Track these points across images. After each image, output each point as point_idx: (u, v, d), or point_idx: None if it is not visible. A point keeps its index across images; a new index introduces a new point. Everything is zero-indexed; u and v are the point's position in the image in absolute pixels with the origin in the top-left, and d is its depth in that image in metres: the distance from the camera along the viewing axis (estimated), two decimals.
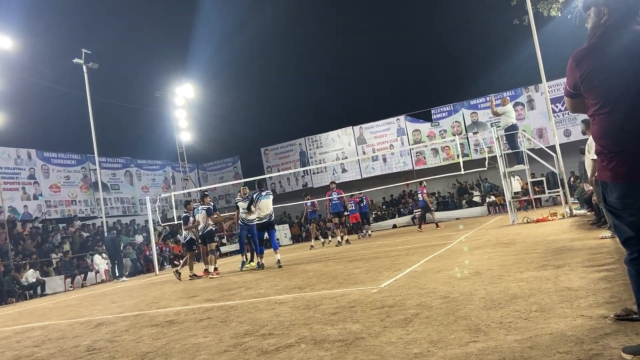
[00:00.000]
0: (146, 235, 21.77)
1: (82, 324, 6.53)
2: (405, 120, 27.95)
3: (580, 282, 4.23)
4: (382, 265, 7.88)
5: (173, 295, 8.62)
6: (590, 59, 2.45)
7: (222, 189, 31.35)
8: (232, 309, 5.78)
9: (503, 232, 11.42)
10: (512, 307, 3.71)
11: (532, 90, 25.20)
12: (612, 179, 2.38)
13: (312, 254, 14.09)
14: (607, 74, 2.39)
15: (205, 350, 3.84)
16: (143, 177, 27.82)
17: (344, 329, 3.83)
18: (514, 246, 7.89)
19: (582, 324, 3.01)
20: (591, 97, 2.47)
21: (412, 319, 3.81)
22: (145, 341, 4.61)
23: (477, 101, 26.61)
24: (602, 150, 2.43)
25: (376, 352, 3.08)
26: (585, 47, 2.49)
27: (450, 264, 6.81)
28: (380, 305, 4.51)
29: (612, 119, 2.37)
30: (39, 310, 10.04)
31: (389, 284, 5.73)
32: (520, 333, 3.02)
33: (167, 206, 24.97)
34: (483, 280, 5.02)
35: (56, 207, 22.45)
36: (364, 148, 28.69)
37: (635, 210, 2.32)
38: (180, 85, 28.88)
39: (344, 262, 9.51)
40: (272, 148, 31.41)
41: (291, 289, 6.75)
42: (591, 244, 6.76)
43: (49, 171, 22.41)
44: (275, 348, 3.57)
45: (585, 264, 5.12)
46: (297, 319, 4.52)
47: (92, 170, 23.70)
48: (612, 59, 2.38)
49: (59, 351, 4.78)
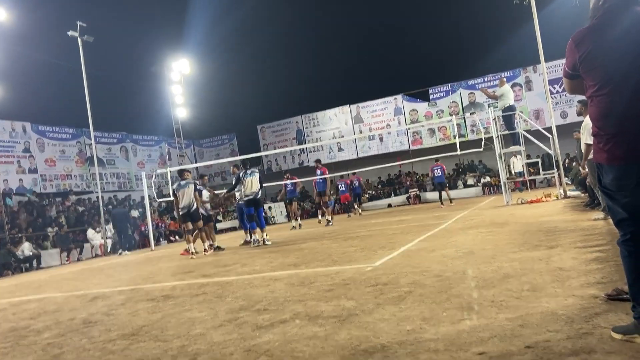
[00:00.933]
0: (142, 211, 21.80)
1: (78, 297, 6.57)
2: (402, 99, 27.84)
3: (572, 263, 4.28)
4: (377, 244, 7.93)
5: (169, 270, 8.68)
6: (590, 40, 2.44)
7: (218, 166, 31.30)
8: (228, 284, 5.83)
9: (497, 212, 11.49)
10: (504, 286, 3.76)
11: (530, 71, 25.12)
12: (607, 160, 2.39)
13: (307, 232, 14.15)
14: (607, 55, 2.38)
15: (200, 325, 3.88)
16: (139, 152, 27.73)
17: (338, 305, 3.88)
18: (507, 226, 7.95)
19: (573, 304, 3.05)
20: (590, 78, 2.46)
21: (406, 296, 3.86)
22: (141, 315, 4.65)
23: (475, 81, 26.50)
24: (599, 132, 2.44)
25: (369, 328, 3.13)
26: (586, 27, 2.48)
27: (444, 243, 6.86)
28: (374, 283, 4.55)
29: (610, 101, 2.37)
30: (34, 283, 10.09)
31: (383, 263, 5.78)
32: (512, 311, 3.06)
33: (163, 182, 24.94)
34: (476, 260, 5.07)
35: (51, 181, 22.41)
36: (361, 127, 28.62)
37: (630, 192, 2.35)
38: (176, 60, 28.59)
39: (339, 241, 9.57)
40: (269, 126, 31.30)
41: (286, 266, 6.80)
42: (584, 225, 6.82)
43: (44, 145, 22.30)
44: (270, 323, 3.61)
45: (578, 245, 5.17)
46: (291, 295, 4.57)
47: (87, 144, 23.59)
48: (612, 40, 2.37)
49: (55, 323, 4.83)
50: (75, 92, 21.00)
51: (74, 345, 3.81)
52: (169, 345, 3.41)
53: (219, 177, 31.96)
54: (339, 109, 29.33)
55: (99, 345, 3.67)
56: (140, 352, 3.33)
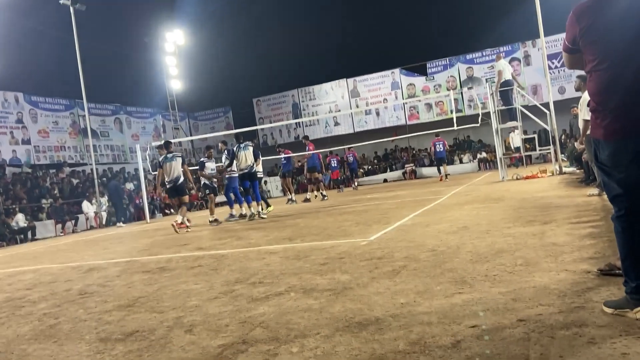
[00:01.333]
0: (137, 183, 21.76)
1: (74, 269, 6.60)
2: (400, 73, 27.64)
3: (566, 238, 4.31)
4: (372, 219, 7.97)
5: (164, 243, 8.71)
6: (591, 14, 2.41)
7: (213, 139, 31.09)
8: (223, 257, 5.85)
9: (493, 188, 11.53)
10: (497, 260, 3.79)
11: (529, 46, 24.93)
12: (604, 136, 2.39)
13: (303, 207, 14.18)
14: (607, 29, 2.35)
15: (196, 297, 3.91)
16: (133, 124, 27.54)
17: (332, 279, 3.91)
18: (502, 202, 7.99)
19: (566, 278, 3.08)
20: (589, 52, 2.44)
21: (400, 270, 3.88)
22: (137, 286, 4.68)
23: (473, 55, 26.30)
24: (596, 107, 2.43)
25: (364, 301, 3.15)
26: (587, 0, 2.45)
27: (439, 218, 6.89)
28: (369, 257, 4.58)
29: (609, 75, 2.35)
30: (30, 254, 10.12)
31: (378, 237, 5.81)
32: (505, 286, 3.09)
33: (158, 155, 24.83)
34: (471, 235, 5.10)
35: (45, 152, 22.28)
36: (357, 101, 28.46)
37: (625, 168, 2.35)
38: (171, 30, 28.17)
39: (335, 215, 9.60)
40: (265, 99, 31.08)
41: (282, 239, 6.83)
42: (578, 201, 6.86)
43: (37, 116, 22.10)
44: (265, 296, 3.64)
45: (572, 221, 5.20)
46: (287, 268, 4.59)
47: (81, 116, 23.39)
48: (613, 14, 2.34)
49: (50, 294, 4.85)
50: (68, 63, 20.68)
51: (70, 315, 3.83)
52: (164, 316, 3.44)
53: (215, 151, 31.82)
54: (336, 82, 29.11)
55: (95, 316, 3.70)
56: (136, 323, 3.35)
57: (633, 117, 2.29)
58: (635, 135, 2.29)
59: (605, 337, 2.14)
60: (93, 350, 2.89)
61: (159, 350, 2.75)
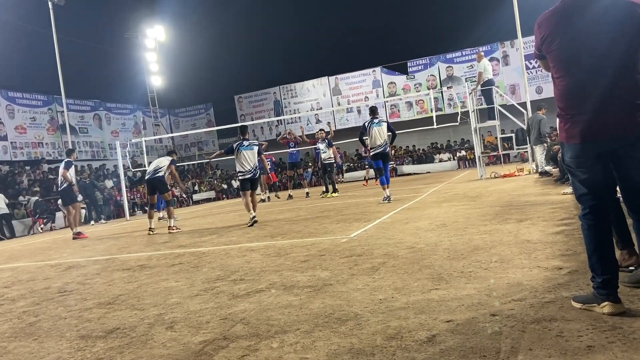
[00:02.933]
0: (116, 181, 21.53)
1: (53, 267, 6.55)
2: (381, 72, 27.79)
3: (540, 235, 4.43)
4: (353, 216, 8.04)
5: (144, 240, 8.67)
6: (549, 24, 2.55)
7: (194, 136, 30.98)
8: (204, 255, 5.87)
9: (471, 186, 11.71)
10: (473, 257, 3.89)
11: (508, 46, 25.26)
12: (567, 139, 2.52)
13: (283, 204, 14.20)
14: (565, 39, 2.48)
15: (177, 294, 3.93)
16: (112, 121, 27.21)
17: (313, 275, 3.96)
18: (480, 200, 8.13)
19: (538, 275, 3.19)
20: (551, 60, 2.59)
21: (379, 267, 3.96)
22: (117, 284, 4.68)
23: (453, 55, 26.55)
24: (560, 112, 2.57)
25: (343, 297, 3.22)
26: (549, 10, 2.57)
27: (418, 216, 7.00)
28: (349, 254, 4.65)
29: (567, 83, 2.50)
30: (7, 252, 9.98)
31: (358, 234, 5.89)
32: (480, 282, 3.19)
33: (138, 152, 24.60)
34: (448, 232, 5.21)
35: (22, 149, 21.92)
36: (339, 99, 28.55)
37: (587, 169, 2.48)
38: (152, 26, 27.90)
39: (315, 212, 9.66)
40: (246, 96, 30.97)
41: (263, 237, 6.87)
42: (553, 199, 7.02)
43: (14, 111, 21.71)
44: (246, 293, 3.68)
45: (546, 218, 5.34)
46: (267, 265, 4.64)
47: (59, 112, 23.06)
48: (571, 25, 2.47)
49: (29, 292, 4.82)
50: (46, 58, 20.38)
51: (49, 313, 3.83)
52: (145, 313, 3.46)
53: (195, 147, 31.67)
54: (318, 80, 29.15)
55: (75, 314, 3.70)
56: (117, 321, 3.37)
57: (593, 122, 2.42)
58: (594, 138, 2.42)
59: (573, 330, 2.24)
60: (74, 348, 2.91)
61: (139, 346, 2.78)
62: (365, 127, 10.16)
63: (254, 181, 9.06)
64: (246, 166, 8.93)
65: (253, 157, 9.03)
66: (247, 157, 8.94)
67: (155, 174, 9.87)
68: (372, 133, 9.99)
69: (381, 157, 10.07)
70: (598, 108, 2.39)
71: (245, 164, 8.93)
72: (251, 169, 8.96)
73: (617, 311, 2.36)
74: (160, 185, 9.94)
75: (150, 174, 9.94)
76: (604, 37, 2.38)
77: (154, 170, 9.93)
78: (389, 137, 10.24)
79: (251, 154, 9.00)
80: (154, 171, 9.91)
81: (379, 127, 10.02)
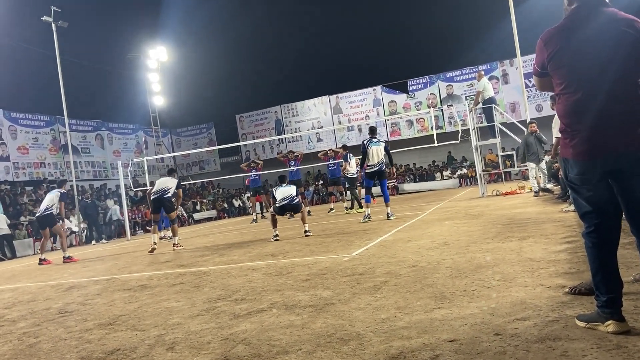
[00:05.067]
0: (118, 200, 21.54)
1: (53, 287, 6.51)
2: (381, 91, 27.95)
3: (542, 254, 4.41)
4: (354, 235, 8.02)
5: (145, 260, 8.64)
6: (557, 40, 2.53)
7: (195, 156, 31.07)
8: (205, 274, 5.84)
9: (472, 204, 11.69)
10: (476, 276, 3.86)
11: (507, 65, 25.43)
12: (573, 155, 2.49)
13: (284, 222, 14.17)
14: (574, 55, 2.47)
15: (178, 314, 3.90)
16: (115, 141, 27.33)
17: (315, 295, 3.94)
18: (482, 218, 8.11)
19: (541, 293, 3.17)
20: (557, 77, 2.55)
21: (381, 286, 3.93)
22: (118, 305, 4.65)
23: (453, 74, 26.73)
24: (565, 129, 2.53)
25: (345, 317, 3.19)
26: (554, 27, 2.57)
27: (420, 234, 6.97)
28: (351, 273, 4.62)
29: (575, 99, 2.46)
30: (7, 273, 9.94)
31: (360, 253, 5.86)
32: (483, 300, 3.16)
33: (139, 171, 24.65)
34: (450, 250, 5.18)
35: (24, 169, 21.98)
36: (340, 118, 28.68)
37: (593, 186, 2.45)
38: (154, 47, 28.19)
39: (317, 231, 9.63)
40: (247, 115, 31.13)
41: (264, 256, 6.84)
42: (555, 217, 7.00)
43: (16, 132, 21.84)
44: (248, 312, 3.65)
45: (548, 236, 5.32)
46: (269, 285, 4.61)
47: (61, 132, 23.16)
48: (579, 40, 2.46)
49: (30, 313, 4.79)
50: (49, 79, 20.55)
51: (49, 334, 3.80)
52: (146, 334, 3.43)
53: (197, 167, 31.74)
54: (318, 99, 29.32)
55: (75, 335, 3.67)
56: (117, 342, 3.34)
57: (599, 139, 2.40)
58: (601, 156, 2.39)
59: (577, 350, 2.21)
60: None
61: None
62: (364, 145, 10.47)
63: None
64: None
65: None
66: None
67: (164, 194, 10.09)
68: (369, 151, 10.33)
69: (376, 175, 10.41)
70: (604, 124, 2.38)
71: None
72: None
73: (621, 330, 2.33)
74: (168, 204, 10.17)
75: (160, 193, 10.10)
76: (610, 53, 2.38)
77: (163, 190, 10.11)
78: (385, 157, 10.53)
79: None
80: (163, 191, 10.10)
81: (376, 147, 10.40)
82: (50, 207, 10.62)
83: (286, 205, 9.27)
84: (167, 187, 10.16)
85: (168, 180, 10.38)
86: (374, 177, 10.48)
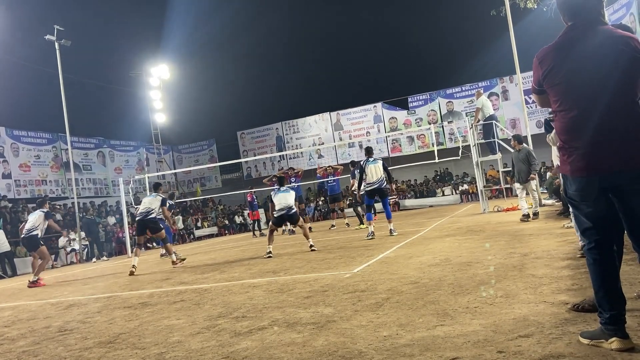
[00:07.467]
0: (119, 217, 21.52)
1: (53, 305, 6.48)
2: (382, 107, 28.09)
3: (545, 270, 4.39)
4: (355, 251, 7.99)
5: (146, 277, 8.60)
6: (552, 58, 2.55)
7: (197, 172, 31.13)
8: (206, 291, 5.81)
9: (474, 220, 11.66)
10: (478, 292, 3.84)
11: (507, 81, 25.56)
12: (571, 172, 2.49)
13: (285, 239, 14.14)
14: (569, 72, 2.48)
15: (178, 332, 3.88)
16: (116, 158, 27.41)
17: (316, 312, 3.92)
18: (483, 234, 8.09)
19: (544, 310, 3.14)
20: (553, 94, 2.57)
21: (383, 303, 3.91)
22: (118, 322, 4.62)
23: (453, 90, 26.87)
24: (563, 145, 2.54)
25: (347, 334, 3.17)
26: (550, 45, 2.59)
27: (422, 250, 6.95)
28: (353, 290, 4.60)
29: (572, 116, 2.48)
30: (8, 291, 9.89)
31: (362, 269, 5.84)
32: (485, 317, 3.14)
33: (141, 188, 24.67)
34: (452, 267, 5.16)
35: (26, 186, 22.01)
36: (341, 134, 28.77)
37: (592, 202, 2.45)
38: (156, 65, 28.43)
39: (319, 247, 9.59)
40: (249, 132, 31.25)
41: (265, 272, 6.81)
42: (557, 232, 6.98)
43: (18, 150, 21.91)
44: (249, 330, 3.63)
45: (550, 252, 5.30)
46: (270, 302, 4.59)
47: (63, 149, 23.23)
48: (574, 58, 2.48)
49: (29, 331, 4.76)
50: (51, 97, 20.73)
51: (49, 353, 3.77)
52: (146, 352, 3.41)
53: (198, 183, 31.78)
54: (319, 116, 29.45)
55: (75, 353, 3.64)
56: None
57: (596, 156, 2.40)
58: (600, 172, 2.40)
59: None
60: None
61: None
62: (362, 166, 10.61)
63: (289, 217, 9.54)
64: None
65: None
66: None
67: (147, 216, 9.88)
68: (367, 171, 10.46)
69: (377, 193, 10.47)
70: (601, 141, 2.38)
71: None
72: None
73: (625, 347, 2.31)
74: (152, 225, 9.99)
75: (142, 215, 9.91)
76: (606, 71, 2.40)
77: (146, 211, 9.91)
78: (384, 174, 10.57)
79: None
80: (147, 212, 9.90)
81: (374, 165, 10.50)
82: (34, 228, 10.24)
83: (284, 216, 9.37)
84: (150, 208, 9.97)
85: (152, 200, 10.17)
86: (374, 195, 10.57)
